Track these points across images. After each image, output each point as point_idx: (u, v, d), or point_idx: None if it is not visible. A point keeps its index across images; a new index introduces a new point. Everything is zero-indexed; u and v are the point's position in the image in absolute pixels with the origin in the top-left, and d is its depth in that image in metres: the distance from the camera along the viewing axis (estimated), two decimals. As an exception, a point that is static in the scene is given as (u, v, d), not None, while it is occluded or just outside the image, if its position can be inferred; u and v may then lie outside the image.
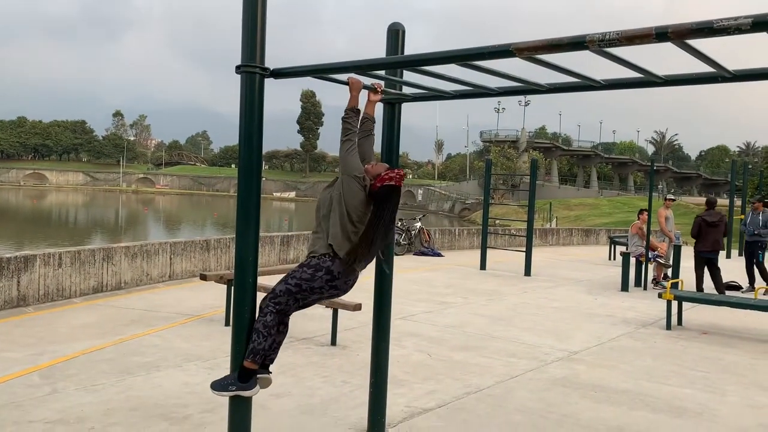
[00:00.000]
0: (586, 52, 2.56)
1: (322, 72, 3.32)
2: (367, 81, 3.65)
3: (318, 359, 6.14)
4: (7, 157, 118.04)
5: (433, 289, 10.85)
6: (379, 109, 4.29)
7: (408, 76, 3.98)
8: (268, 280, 7.78)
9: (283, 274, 3.70)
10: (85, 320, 7.45)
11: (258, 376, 3.52)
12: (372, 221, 3.56)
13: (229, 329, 3.58)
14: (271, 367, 5.88)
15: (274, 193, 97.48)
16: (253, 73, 3.33)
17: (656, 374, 6.15)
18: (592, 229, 25.65)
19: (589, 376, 5.98)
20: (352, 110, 3.58)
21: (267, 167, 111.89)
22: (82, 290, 8.87)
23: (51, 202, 73.26)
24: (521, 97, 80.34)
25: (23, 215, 52.52)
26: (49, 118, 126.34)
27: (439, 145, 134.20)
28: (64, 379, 5.25)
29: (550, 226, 36.34)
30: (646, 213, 12.42)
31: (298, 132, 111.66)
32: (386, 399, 4.43)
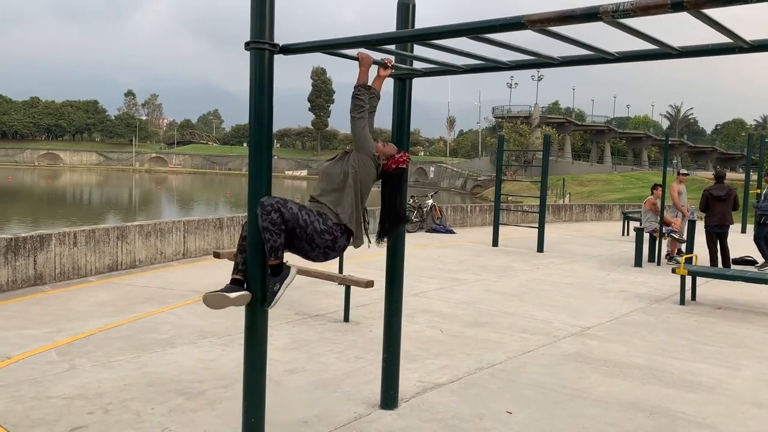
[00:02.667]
0: (600, 24, 2.52)
1: (331, 47, 3.30)
2: (378, 56, 3.62)
3: (331, 335, 6.18)
4: (21, 137, 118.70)
5: (445, 265, 10.86)
6: (389, 85, 4.26)
7: (419, 50, 3.94)
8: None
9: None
10: (101, 298, 7.53)
11: (239, 292, 3.48)
12: (393, 201, 3.89)
13: (242, 307, 3.60)
14: (284, 343, 5.94)
15: (286, 172, 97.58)
16: (263, 49, 3.30)
17: (669, 349, 6.14)
18: (606, 204, 25.48)
19: (602, 351, 5.99)
20: (363, 86, 3.59)
21: (278, 146, 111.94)
22: (97, 269, 8.97)
23: (65, 182, 73.85)
24: (534, 72, 79.48)
25: (38, 195, 53.02)
26: (61, 98, 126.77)
27: (451, 122, 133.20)
28: (81, 355, 5.33)
29: (563, 202, 36.14)
30: (660, 188, 12.30)
31: (309, 110, 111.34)
32: (399, 374, 4.47)
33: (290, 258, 3.67)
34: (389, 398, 4.41)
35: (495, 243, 13.96)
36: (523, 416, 4.36)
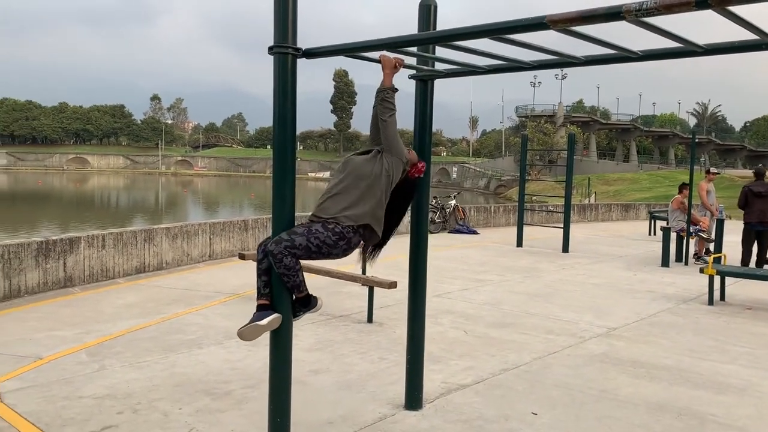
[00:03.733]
0: (623, 22, 2.50)
1: (353, 51, 3.31)
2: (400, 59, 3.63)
3: (355, 336, 6.21)
4: (50, 142, 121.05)
5: (469, 266, 10.83)
6: (411, 86, 4.28)
7: (440, 51, 3.95)
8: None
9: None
10: (129, 300, 7.66)
11: (269, 317, 3.53)
12: (403, 208, 3.89)
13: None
14: (309, 344, 5.98)
15: (309, 174, 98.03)
16: (286, 53, 3.34)
17: (698, 350, 6.06)
18: (632, 204, 25.19)
19: (629, 352, 5.93)
20: (392, 89, 3.60)
21: (301, 148, 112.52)
22: (125, 271, 9.11)
23: (93, 185, 75.07)
24: (557, 71, 78.81)
25: (67, 199, 53.99)
26: (88, 103, 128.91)
27: (474, 122, 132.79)
28: (110, 356, 5.42)
29: (589, 201, 35.79)
30: (687, 189, 12.14)
31: (332, 112, 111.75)
32: (423, 375, 4.48)
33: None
34: (413, 399, 4.42)
35: (519, 243, 13.88)
36: (549, 417, 4.33)
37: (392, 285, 6.55)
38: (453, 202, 17.03)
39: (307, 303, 3.67)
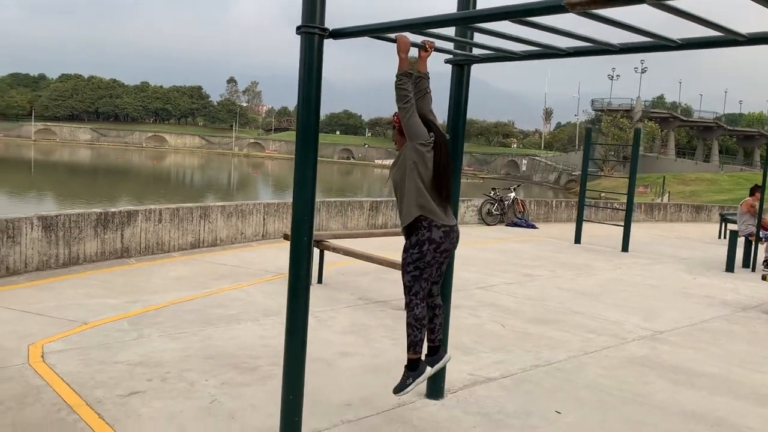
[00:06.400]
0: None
1: (379, 31, 3.27)
2: (418, 39, 3.55)
3: (390, 322, 6.20)
4: (131, 120, 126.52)
5: (521, 260, 10.62)
6: (447, 70, 4.20)
7: (478, 37, 3.86)
8: (354, 244, 7.92)
9: (368, 237, 3.68)
10: (180, 273, 7.91)
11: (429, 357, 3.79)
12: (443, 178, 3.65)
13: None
14: (343, 327, 6.02)
15: (376, 161, 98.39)
16: (312, 33, 3.33)
17: (749, 360, 5.74)
18: (704, 205, 24.06)
19: (672, 357, 5.68)
20: (404, 74, 3.48)
21: (369, 134, 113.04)
22: (180, 245, 9.41)
23: (170, 163, 77.94)
24: (638, 64, 76.17)
25: (145, 175, 56.28)
26: (168, 83, 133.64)
27: (548, 114, 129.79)
28: (150, 326, 5.62)
29: (661, 201, 34.42)
30: (759, 192, 11.48)
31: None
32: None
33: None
34: (435, 388, 4.38)
35: (577, 240, 13.51)
36: (573, 417, 4.21)
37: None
38: (512, 195, 16.73)
39: (416, 367, 3.70)
